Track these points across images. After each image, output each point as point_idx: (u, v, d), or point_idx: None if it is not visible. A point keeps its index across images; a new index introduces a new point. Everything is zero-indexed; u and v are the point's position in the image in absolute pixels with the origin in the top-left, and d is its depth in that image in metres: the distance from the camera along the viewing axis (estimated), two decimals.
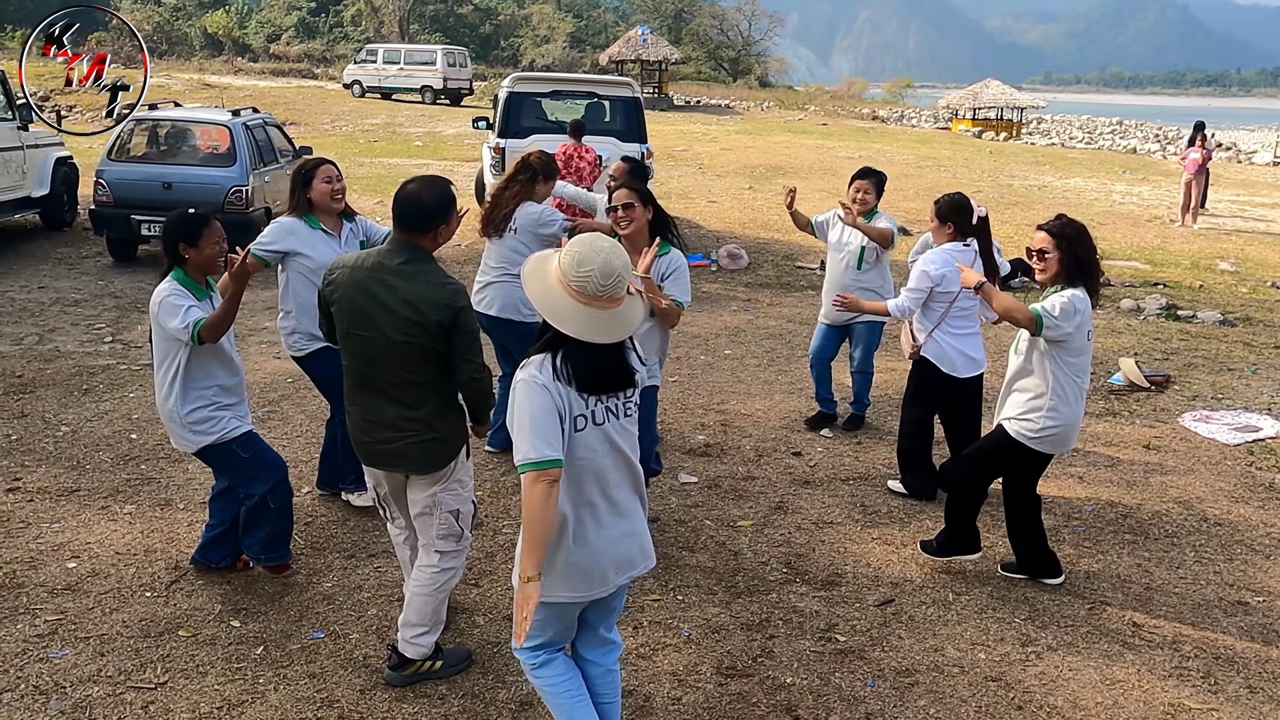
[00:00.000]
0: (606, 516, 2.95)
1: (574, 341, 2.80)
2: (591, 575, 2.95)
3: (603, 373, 2.86)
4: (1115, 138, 44.23)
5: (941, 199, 5.43)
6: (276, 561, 4.40)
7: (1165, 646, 4.19)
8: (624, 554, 3.00)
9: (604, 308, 2.80)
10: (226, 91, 30.87)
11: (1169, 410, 7.32)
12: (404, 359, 3.48)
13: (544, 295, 2.82)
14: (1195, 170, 17.28)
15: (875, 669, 3.96)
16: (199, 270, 4.07)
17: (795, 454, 6.24)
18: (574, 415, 2.83)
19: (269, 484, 4.23)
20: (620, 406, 2.94)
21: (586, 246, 2.81)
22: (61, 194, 12.16)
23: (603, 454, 2.91)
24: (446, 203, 3.56)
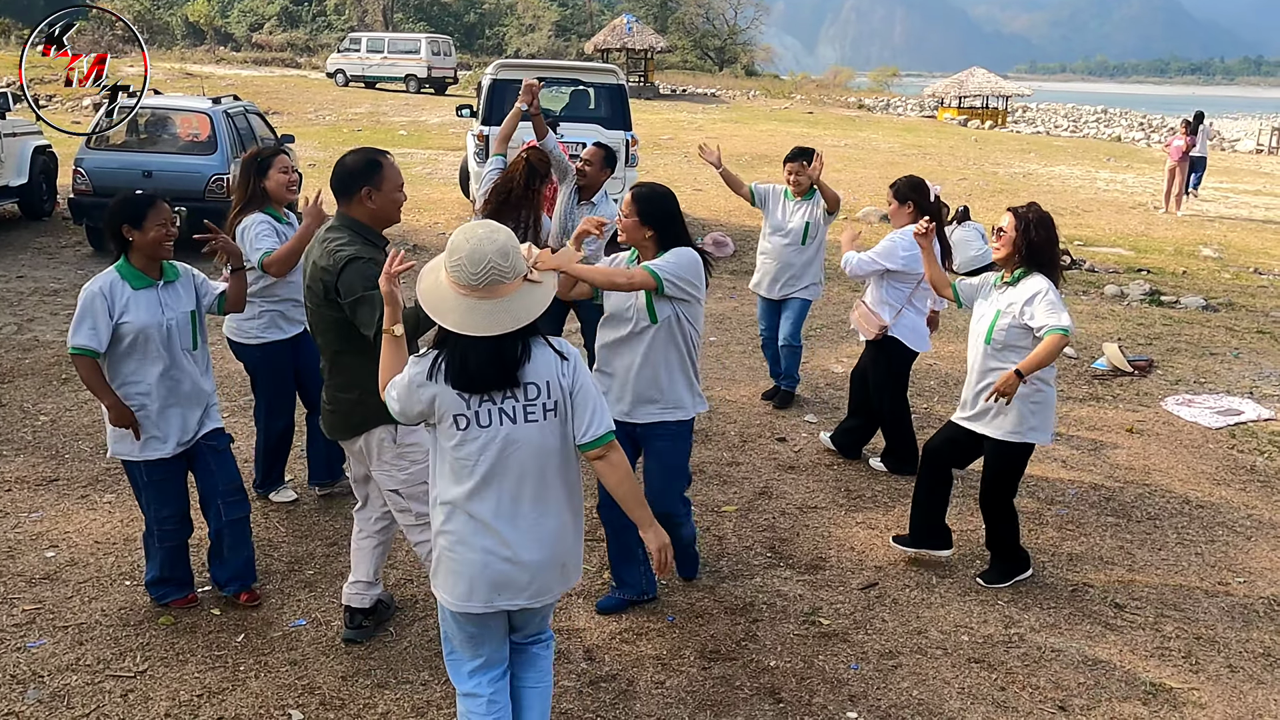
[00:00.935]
0: (489, 527, 2.73)
1: (455, 335, 2.64)
2: (464, 585, 2.76)
3: (479, 369, 2.64)
4: (1100, 126, 44.34)
5: (898, 180, 5.59)
6: (159, 601, 4.10)
7: (1147, 627, 4.21)
8: (503, 577, 2.75)
9: (484, 298, 2.62)
10: (209, 81, 30.59)
11: (1152, 394, 7.34)
12: (316, 327, 3.63)
13: (432, 290, 2.69)
14: (1179, 157, 17.35)
15: (858, 652, 3.96)
16: (144, 255, 3.81)
17: (780, 439, 6.24)
18: (453, 414, 2.67)
19: (154, 518, 3.98)
20: (519, 409, 2.69)
21: (460, 233, 2.66)
22: (40, 183, 12.02)
23: (488, 462, 2.69)
24: (370, 165, 3.51)
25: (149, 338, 3.81)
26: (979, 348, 4.36)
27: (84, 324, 3.75)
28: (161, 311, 3.84)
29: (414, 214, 13.45)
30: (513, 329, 2.64)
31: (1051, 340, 4.10)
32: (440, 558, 2.82)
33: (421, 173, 17.47)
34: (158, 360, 3.85)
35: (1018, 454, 4.39)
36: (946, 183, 18.61)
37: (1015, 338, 4.22)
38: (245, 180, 4.73)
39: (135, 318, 3.78)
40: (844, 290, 10.30)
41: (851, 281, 10.62)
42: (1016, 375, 4.09)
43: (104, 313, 3.75)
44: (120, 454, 3.93)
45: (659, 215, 3.83)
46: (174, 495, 4.01)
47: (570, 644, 3.93)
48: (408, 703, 3.55)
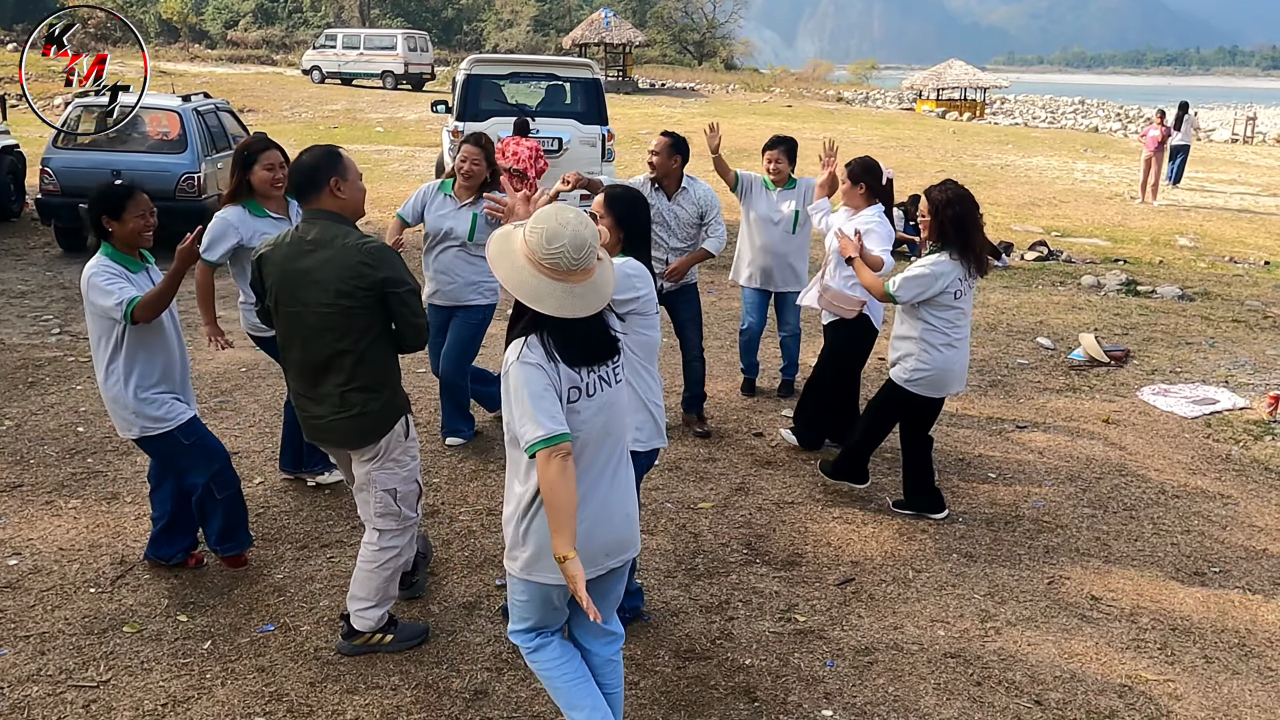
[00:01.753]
0: (599, 494, 2.85)
1: (555, 319, 2.71)
2: (581, 556, 2.78)
3: (588, 344, 2.79)
4: (1077, 117, 44.54)
5: (852, 161, 5.61)
6: (231, 552, 4.31)
7: (1123, 619, 4.20)
8: (615, 535, 2.91)
9: (579, 281, 2.71)
10: (182, 79, 30.29)
11: (1128, 384, 7.35)
12: (331, 331, 3.46)
13: (514, 276, 2.72)
14: (1155, 147, 17.44)
15: (834, 648, 3.93)
16: (125, 244, 3.90)
17: (757, 435, 6.20)
18: (568, 388, 2.76)
19: (208, 473, 4.12)
20: (610, 373, 2.87)
21: (553, 221, 2.70)
22: (8, 183, 11.86)
23: (597, 426, 2.82)
24: (330, 158, 3.51)
25: (161, 320, 3.97)
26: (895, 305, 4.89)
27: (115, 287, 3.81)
28: None
29: (389, 211, 13.34)
30: (604, 305, 2.79)
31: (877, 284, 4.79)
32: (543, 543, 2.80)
33: (398, 169, 17.35)
34: (170, 333, 4.06)
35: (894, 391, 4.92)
36: (925, 174, 18.64)
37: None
38: (233, 170, 4.72)
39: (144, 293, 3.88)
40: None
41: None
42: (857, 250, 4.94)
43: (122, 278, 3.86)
44: (150, 430, 3.99)
45: (632, 219, 3.68)
46: (215, 446, 4.21)
47: None
48: (377, 708, 3.49)
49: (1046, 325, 8.99)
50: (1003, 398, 7.03)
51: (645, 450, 3.75)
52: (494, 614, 4.08)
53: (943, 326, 4.74)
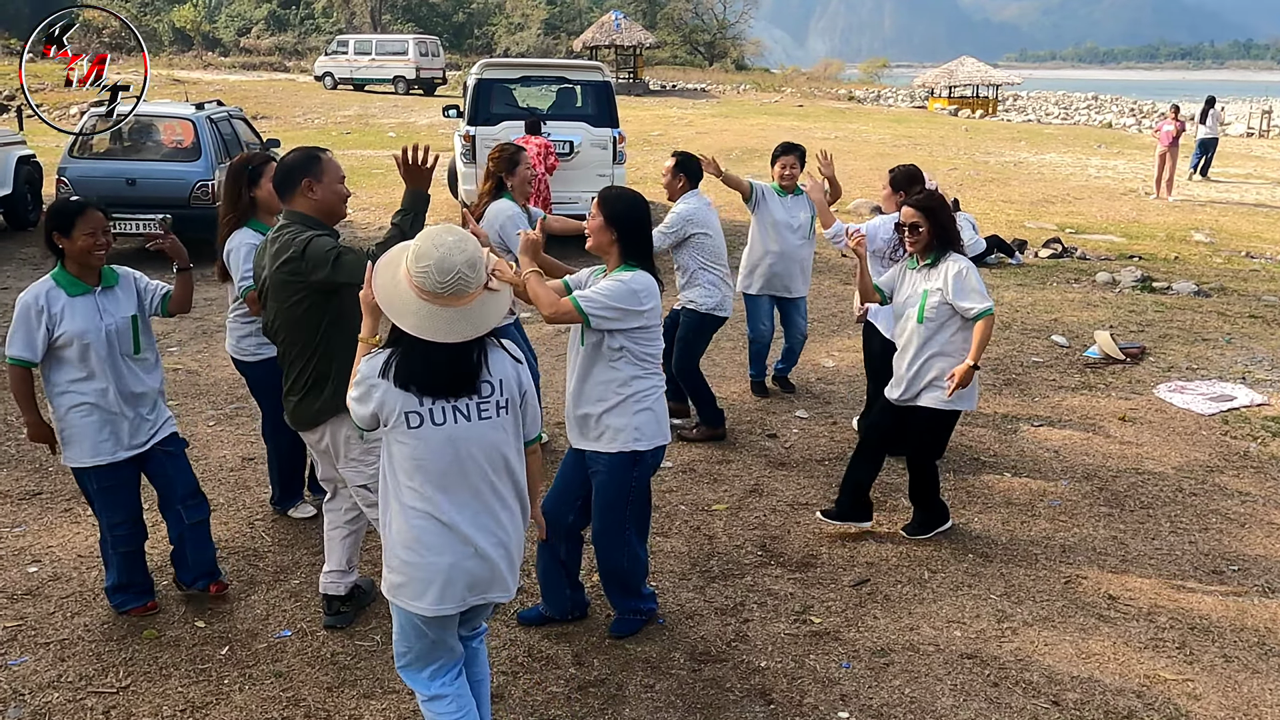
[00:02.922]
0: (453, 527, 2.74)
1: (411, 338, 2.65)
2: (435, 590, 2.75)
3: (435, 372, 2.67)
4: (1090, 113, 44.31)
5: (897, 168, 5.72)
6: (124, 608, 4.06)
7: (1141, 618, 4.17)
8: (474, 574, 2.78)
9: (447, 305, 2.63)
10: (196, 86, 30.49)
11: (1144, 382, 7.31)
12: (283, 323, 3.64)
13: (389, 288, 2.69)
14: (1169, 143, 17.33)
15: (850, 650, 3.92)
16: (77, 262, 3.76)
17: (770, 436, 6.20)
18: (405, 411, 2.68)
19: (107, 524, 3.96)
20: (472, 407, 2.72)
21: (428, 240, 2.65)
22: (25, 193, 11.94)
23: (445, 459, 2.71)
24: (308, 160, 3.62)
25: (88, 345, 3.76)
26: (910, 326, 4.65)
27: (18, 334, 3.75)
28: (100, 317, 3.79)
29: None
30: (472, 337, 2.68)
31: (984, 325, 4.49)
32: (400, 566, 2.79)
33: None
34: (100, 366, 3.79)
35: (949, 420, 4.74)
36: (938, 173, 18.58)
37: (945, 314, 4.55)
38: (234, 189, 4.53)
39: (72, 325, 3.74)
40: (834, 284, 10.26)
41: (842, 275, 10.60)
42: (972, 368, 4.50)
43: (39, 322, 3.72)
44: (69, 461, 3.92)
45: (626, 219, 3.64)
46: (124, 501, 3.97)
47: (558, 648, 3.89)
48: (394, 713, 3.51)
49: (1061, 323, 8.94)
50: (1018, 396, 7.00)
51: (649, 449, 3.74)
52: (510, 617, 4.08)
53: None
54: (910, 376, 4.64)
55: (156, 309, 4.04)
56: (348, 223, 12.85)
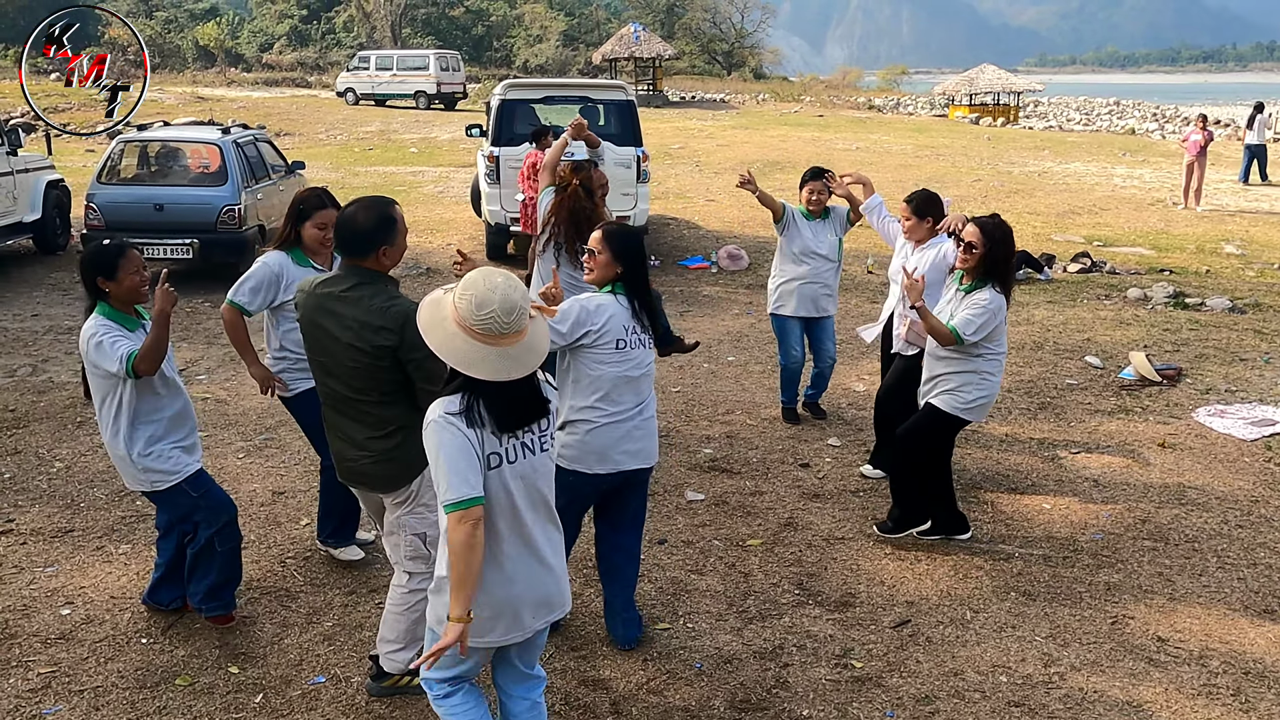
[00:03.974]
0: (522, 557, 2.86)
1: (483, 383, 2.70)
2: (505, 618, 2.86)
3: (519, 405, 2.78)
4: (1113, 118, 43.92)
5: (913, 197, 5.66)
6: (218, 612, 4.21)
7: (1192, 662, 4.06)
8: (540, 596, 2.91)
9: (512, 344, 2.70)
10: (220, 103, 30.78)
11: (1182, 405, 7.18)
12: (357, 382, 3.50)
13: (448, 344, 2.70)
14: (1197, 152, 17.14)
15: (894, 697, 3.83)
16: (122, 302, 3.90)
17: (803, 465, 6.12)
18: (487, 454, 2.74)
19: (215, 526, 4.08)
20: (535, 440, 2.85)
21: (481, 286, 2.69)
22: (54, 218, 12.01)
23: (518, 493, 2.81)
24: (384, 223, 3.48)
25: (160, 370, 3.91)
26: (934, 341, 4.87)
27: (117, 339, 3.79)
28: None
29: (427, 235, 13.42)
30: (538, 366, 2.78)
31: (943, 331, 4.70)
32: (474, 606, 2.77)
33: (433, 191, 17.45)
34: (172, 388, 4.02)
35: (943, 420, 4.89)
36: (961, 183, 18.45)
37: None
38: (287, 219, 4.60)
39: None
40: (861, 303, 10.16)
41: (869, 293, 10.51)
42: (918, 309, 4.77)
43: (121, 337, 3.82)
44: (160, 485, 3.99)
45: (630, 255, 3.85)
46: (223, 498, 4.19)
47: (596, 696, 3.82)
48: None
49: (1094, 342, 8.82)
50: (1053, 420, 6.89)
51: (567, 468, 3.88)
52: (545, 661, 4.02)
53: (998, 354, 4.89)
54: (926, 382, 4.96)
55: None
56: None
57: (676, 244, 13.35)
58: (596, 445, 3.88)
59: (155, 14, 59.03)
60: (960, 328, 4.69)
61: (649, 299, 3.95)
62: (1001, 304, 4.73)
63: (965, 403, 4.84)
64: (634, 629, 4.16)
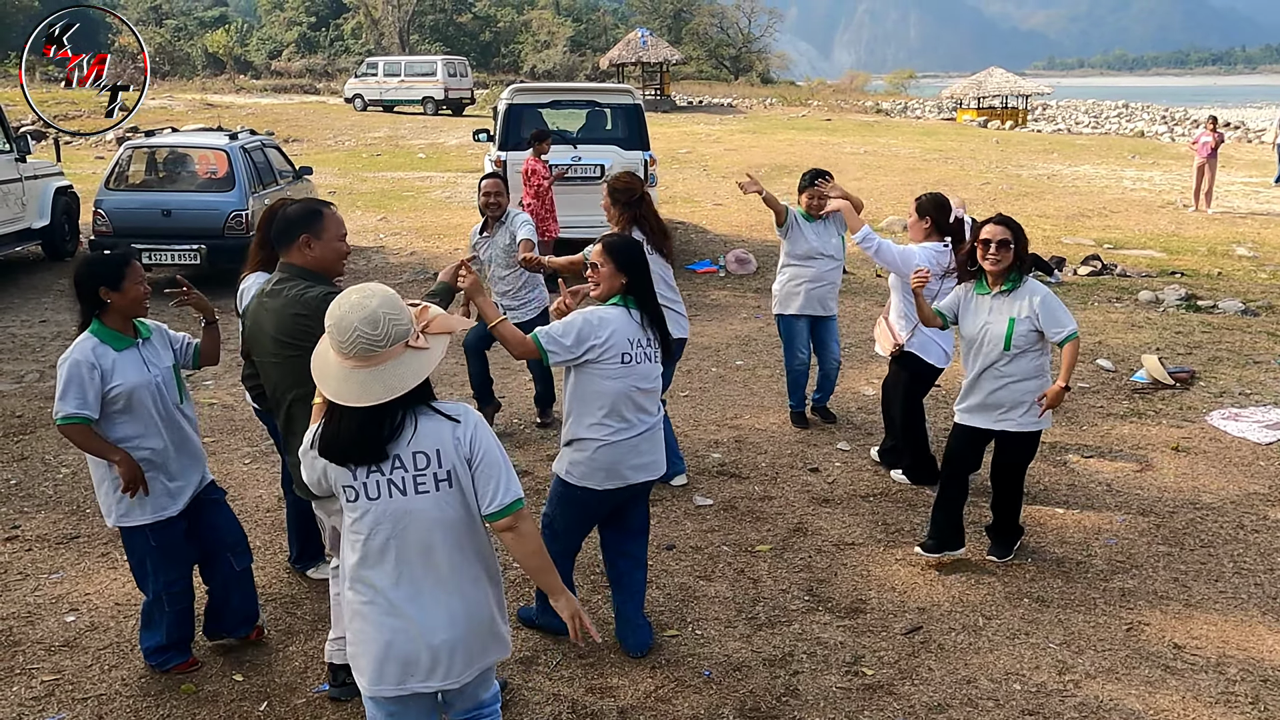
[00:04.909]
0: (393, 608, 2.61)
1: (334, 405, 2.54)
2: (374, 667, 2.64)
3: (340, 440, 2.54)
4: (1121, 121, 43.82)
5: (923, 196, 5.69)
6: (167, 667, 3.96)
7: (1209, 669, 4.00)
8: (408, 654, 2.62)
9: (359, 366, 2.50)
10: (229, 110, 30.87)
11: (1196, 408, 7.10)
12: (284, 380, 3.38)
13: (321, 355, 2.59)
14: (1207, 154, 17.03)
15: (906, 705, 3.78)
16: (123, 315, 3.71)
17: (813, 470, 6.07)
18: (341, 485, 2.58)
19: (163, 582, 3.86)
20: (408, 479, 2.56)
21: (337, 299, 2.56)
22: (62, 224, 12.04)
23: (382, 534, 2.57)
24: (309, 215, 3.40)
25: (141, 399, 3.70)
26: (995, 353, 4.62)
27: (70, 392, 3.60)
28: (147, 370, 3.74)
29: (434, 240, 13.41)
30: (385, 399, 2.50)
31: (1072, 347, 4.57)
32: (351, 639, 2.71)
33: (441, 196, 17.44)
34: (151, 420, 3.75)
35: (1034, 441, 4.81)
36: (970, 187, 18.37)
37: (1032, 341, 4.58)
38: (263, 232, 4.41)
39: (125, 379, 3.66)
40: (870, 306, 10.11)
41: (879, 296, 10.45)
42: (1064, 389, 4.58)
43: (91, 380, 3.61)
44: (127, 522, 3.79)
45: (636, 265, 3.84)
46: (182, 556, 3.93)
47: (603, 704, 3.78)
48: None
49: (1105, 345, 8.74)
50: (1065, 424, 6.82)
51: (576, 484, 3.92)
52: (552, 669, 3.99)
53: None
54: (995, 402, 4.67)
55: (188, 360, 4.00)
56: (379, 248, 12.87)
57: (684, 248, 13.30)
58: (604, 462, 3.83)
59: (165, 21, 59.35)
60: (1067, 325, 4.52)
61: (658, 309, 3.91)
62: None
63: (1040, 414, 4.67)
64: (645, 635, 4.12)
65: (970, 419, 4.77)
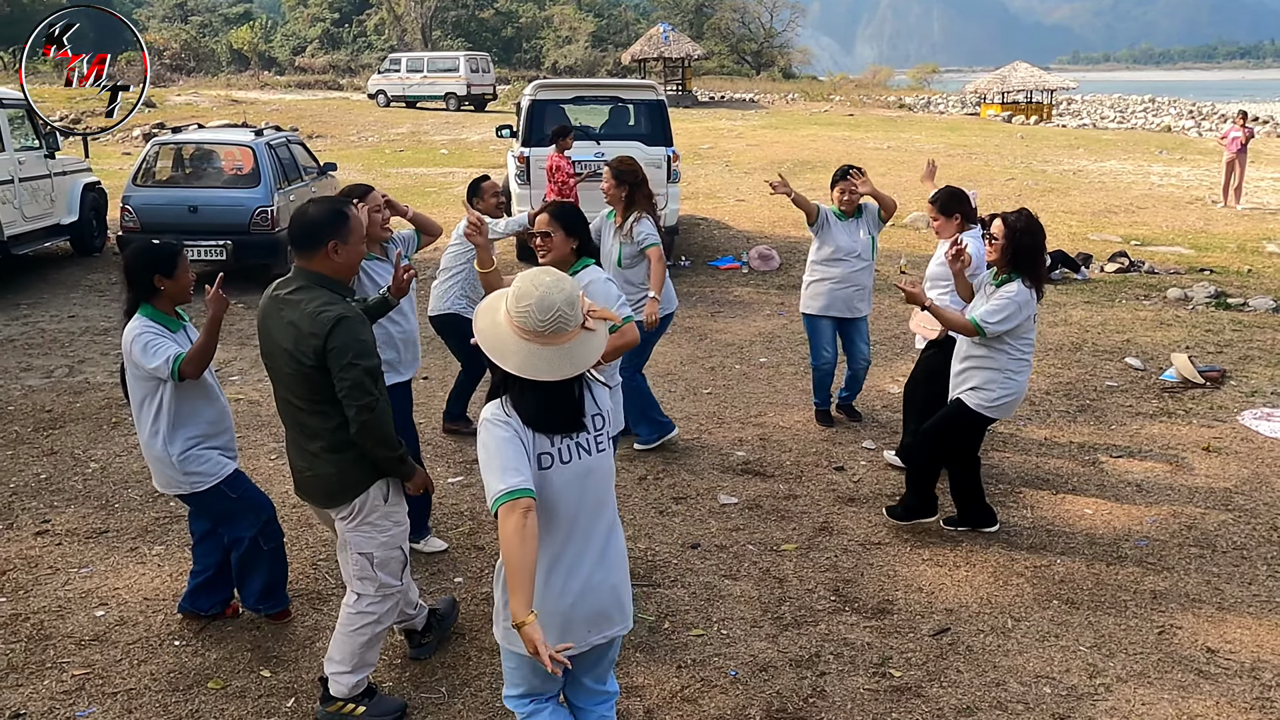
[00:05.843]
0: (577, 565, 2.75)
1: (523, 380, 2.65)
2: (559, 628, 2.73)
3: (549, 411, 2.69)
4: (1148, 115, 43.31)
5: (938, 194, 5.66)
6: (276, 609, 4.27)
7: (1244, 674, 3.94)
8: (597, 608, 2.79)
9: (547, 344, 2.63)
10: (253, 106, 31.06)
11: (1227, 408, 7.01)
12: (297, 390, 3.37)
13: (489, 330, 2.69)
14: (1237, 149, 16.82)
15: (934, 708, 3.74)
16: (172, 301, 3.92)
17: (838, 469, 6.03)
18: (538, 453, 2.68)
19: (257, 526, 4.10)
20: (591, 440, 2.77)
21: (527, 281, 2.67)
22: (90, 220, 12.16)
23: (572, 495, 2.73)
24: (335, 218, 3.36)
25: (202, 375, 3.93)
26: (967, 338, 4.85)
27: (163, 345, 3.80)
28: None
29: None
30: (575, 373, 2.69)
31: (963, 321, 4.71)
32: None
33: (463, 193, 17.45)
34: (212, 391, 4.03)
35: (968, 417, 4.88)
36: (995, 183, 18.23)
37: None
38: None
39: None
40: (895, 303, 10.04)
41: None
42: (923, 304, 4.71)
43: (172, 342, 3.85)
44: (202, 485, 3.98)
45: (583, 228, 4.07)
46: (261, 498, 4.21)
47: (630, 703, 3.77)
48: None
49: (1134, 344, 8.65)
50: (1093, 424, 6.75)
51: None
52: None
53: (1025, 352, 4.84)
54: (955, 377, 4.95)
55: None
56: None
57: (707, 244, 13.27)
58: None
59: (190, 18, 59.81)
60: (982, 317, 4.66)
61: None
62: (1028, 298, 4.67)
63: (990, 400, 4.82)
64: None
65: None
